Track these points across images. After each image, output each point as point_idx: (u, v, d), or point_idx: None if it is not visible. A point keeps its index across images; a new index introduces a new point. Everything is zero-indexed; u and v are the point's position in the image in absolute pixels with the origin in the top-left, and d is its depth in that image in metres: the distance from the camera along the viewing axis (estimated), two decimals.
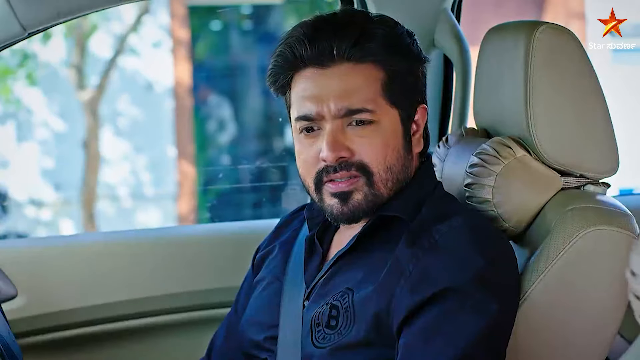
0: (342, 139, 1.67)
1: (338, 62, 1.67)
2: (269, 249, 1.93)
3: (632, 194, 3.88)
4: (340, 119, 1.67)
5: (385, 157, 1.68)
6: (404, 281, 1.60)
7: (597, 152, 1.80)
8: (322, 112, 1.67)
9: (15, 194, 7.08)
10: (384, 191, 1.69)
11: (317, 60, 1.68)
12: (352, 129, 1.67)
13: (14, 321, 2.29)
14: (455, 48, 2.39)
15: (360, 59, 1.67)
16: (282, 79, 1.73)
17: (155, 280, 2.46)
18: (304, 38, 1.68)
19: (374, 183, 1.68)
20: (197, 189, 7.31)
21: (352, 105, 1.66)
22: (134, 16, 6.93)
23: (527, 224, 1.80)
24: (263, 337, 1.78)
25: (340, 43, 1.66)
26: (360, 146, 1.67)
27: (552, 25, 1.80)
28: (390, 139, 1.68)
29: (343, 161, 1.67)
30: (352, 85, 1.67)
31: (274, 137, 7.35)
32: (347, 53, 1.66)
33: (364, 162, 1.67)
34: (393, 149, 1.69)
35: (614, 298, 1.70)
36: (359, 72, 1.67)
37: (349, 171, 1.67)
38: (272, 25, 7.60)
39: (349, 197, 1.68)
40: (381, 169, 1.68)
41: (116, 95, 7.07)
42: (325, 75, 1.68)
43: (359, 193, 1.68)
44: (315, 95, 1.68)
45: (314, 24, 1.70)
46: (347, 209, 1.69)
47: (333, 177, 1.68)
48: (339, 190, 1.68)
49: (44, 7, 1.92)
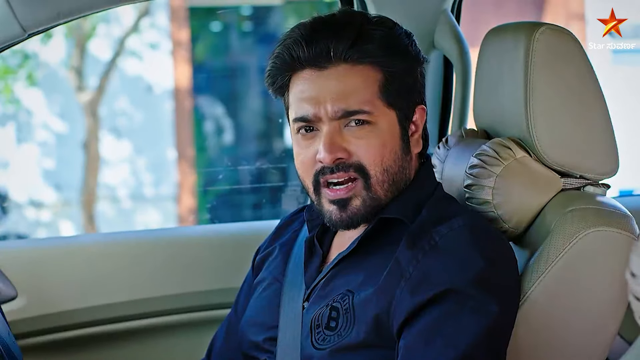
0: (339, 141, 1.67)
1: (335, 63, 1.67)
2: (269, 250, 1.93)
3: (632, 195, 3.88)
4: (338, 121, 1.67)
5: (383, 159, 1.68)
6: (404, 283, 1.60)
7: (597, 153, 1.80)
8: (319, 113, 1.67)
9: (15, 195, 7.08)
10: (381, 193, 1.69)
11: (314, 61, 1.68)
12: (349, 130, 1.67)
13: (14, 322, 2.29)
14: (455, 49, 2.39)
15: (357, 60, 1.67)
16: (280, 80, 1.73)
17: (155, 281, 2.46)
18: (301, 39, 1.68)
19: (371, 185, 1.68)
20: (196, 190, 7.31)
21: (349, 106, 1.66)
22: (134, 18, 6.93)
23: (527, 225, 1.80)
24: (262, 338, 1.78)
25: (337, 44, 1.66)
26: (357, 147, 1.67)
27: (552, 26, 1.80)
28: (387, 140, 1.68)
29: (340, 162, 1.67)
30: (349, 87, 1.66)
31: (274, 138, 7.35)
32: (344, 54, 1.66)
33: (362, 164, 1.67)
34: (390, 150, 1.68)
35: (614, 299, 1.70)
36: (356, 74, 1.67)
37: (346, 172, 1.67)
38: (271, 26, 7.60)
39: (347, 204, 1.68)
40: (378, 171, 1.67)
41: (116, 96, 7.08)
42: (322, 76, 1.68)
43: (357, 199, 1.68)
44: (313, 97, 1.68)
45: (311, 25, 1.69)
46: (346, 216, 1.69)
47: (330, 178, 1.67)
48: (337, 197, 1.68)
49: (44, 8, 1.91)
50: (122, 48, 6.98)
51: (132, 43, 7.10)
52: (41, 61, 6.95)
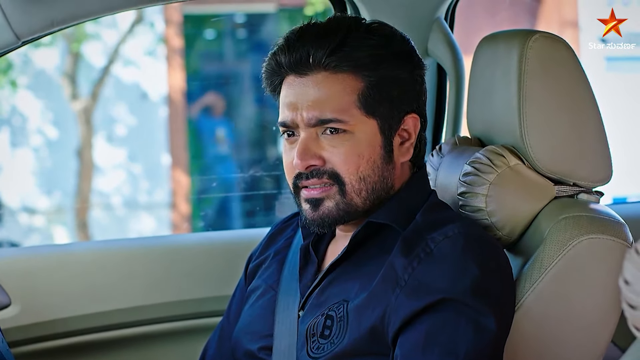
0: (313, 148, 1.67)
1: (315, 70, 1.67)
2: (263, 258, 1.92)
3: (626, 203, 3.88)
4: (314, 128, 1.67)
5: (358, 168, 1.67)
6: (399, 290, 1.60)
7: (590, 161, 1.80)
8: (296, 119, 1.68)
9: (8, 202, 7.06)
10: (357, 200, 1.69)
11: (295, 67, 1.68)
12: (325, 138, 1.67)
13: (8, 330, 2.29)
14: (449, 57, 2.40)
15: (336, 68, 1.66)
16: (270, 84, 1.75)
17: (149, 289, 2.46)
18: (285, 45, 1.69)
19: (346, 192, 1.68)
20: (190, 197, 7.31)
21: (323, 115, 1.66)
22: (128, 24, 6.93)
23: (521, 232, 1.80)
24: (257, 346, 1.78)
25: (316, 51, 1.66)
26: (332, 155, 1.67)
27: (545, 34, 1.80)
28: (364, 150, 1.68)
29: (314, 169, 1.67)
30: (325, 95, 1.66)
31: (268, 146, 7.35)
32: (323, 61, 1.66)
33: (336, 171, 1.67)
34: (368, 159, 1.68)
35: (608, 306, 1.71)
36: (334, 81, 1.67)
37: (320, 179, 1.68)
38: (265, 33, 7.61)
39: (320, 204, 1.69)
40: (353, 179, 1.67)
41: (110, 103, 7.07)
42: (302, 83, 1.68)
43: (331, 201, 1.68)
44: (292, 103, 1.69)
45: (298, 32, 1.70)
46: (317, 215, 1.69)
47: (305, 183, 1.69)
48: (310, 197, 1.69)
49: (38, 16, 1.91)
50: (116, 55, 6.97)
51: (126, 50, 7.09)
52: (37, 68, 6.95)
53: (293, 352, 1.69)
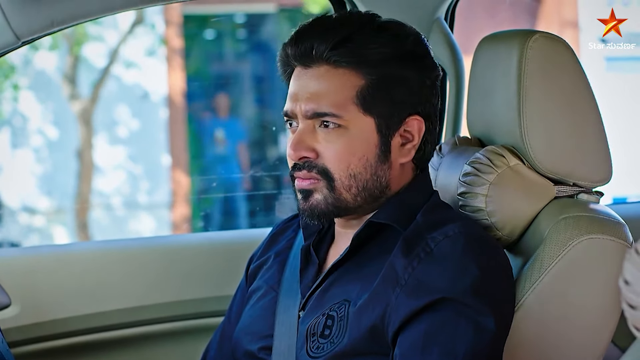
0: (308, 140, 1.68)
1: (317, 63, 1.68)
2: (264, 258, 1.92)
3: (626, 203, 3.88)
4: (311, 120, 1.68)
5: (349, 165, 1.68)
6: (399, 289, 1.60)
7: (590, 161, 1.80)
8: (295, 110, 1.69)
9: (8, 202, 7.07)
10: (347, 196, 1.69)
11: (300, 59, 1.70)
12: (322, 131, 1.68)
13: (8, 330, 2.29)
14: (449, 57, 2.40)
15: (337, 63, 1.67)
16: (284, 73, 1.76)
17: (149, 289, 2.46)
18: (295, 37, 1.71)
19: (335, 188, 1.68)
20: (191, 198, 7.31)
21: (319, 108, 1.67)
22: (129, 25, 6.93)
23: (521, 232, 1.80)
24: (257, 347, 1.78)
25: (320, 44, 1.67)
26: (325, 150, 1.68)
27: (546, 34, 1.80)
28: (357, 146, 1.68)
29: (307, 161, 1.68)
30: (324, 88, 1.67)
31: (268, 146, 7.36)
32: (325, 55, 1.67)
33: (326, 167, 1.68)
34: (360, 157, 1.68)
35: (608, 306, 1.71)
36: (334, 76, 1.67)
37: (309, 172, 1.68)
38: (265, 33, 7.61)
39: (309, 195, 1.70)
40: (343, 175, 1.68)
41: (110, 104, 7.07)
42: (306, 75, 1.69)
43: (319, 194, 1.69)
44: (294, 94, 1.70)
45: (308, 24, 1.71)
46: (307, 206, 1.70)
47: (297, 174, 1.70)
48: (301, 187, 1.71)
49: (38, 16, 1.91)
50: (116, 55, 6.98)
51: (126, 50, 7.10)
52: (37, 69, 6.95)
53: (293, 352, 1.69)
